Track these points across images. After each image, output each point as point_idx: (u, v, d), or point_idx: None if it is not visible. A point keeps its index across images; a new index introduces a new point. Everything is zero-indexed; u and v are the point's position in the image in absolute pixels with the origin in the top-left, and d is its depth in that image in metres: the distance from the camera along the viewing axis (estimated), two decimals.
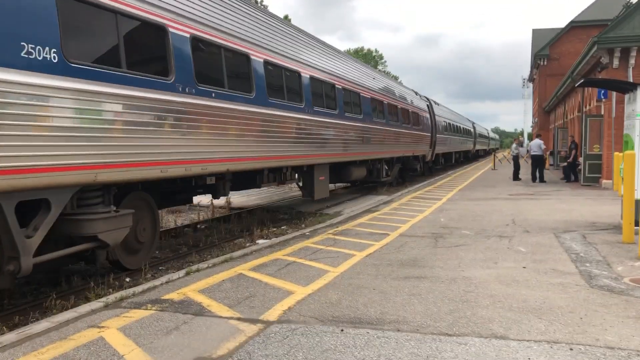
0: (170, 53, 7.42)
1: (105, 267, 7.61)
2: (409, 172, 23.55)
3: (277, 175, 11.47)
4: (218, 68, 8.76)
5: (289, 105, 10.99)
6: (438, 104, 31.70)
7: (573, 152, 20.58)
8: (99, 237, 6.44)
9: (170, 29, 7.44)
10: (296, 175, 12.56)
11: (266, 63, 10.15)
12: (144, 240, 7.86)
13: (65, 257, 6.60)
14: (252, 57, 9.63)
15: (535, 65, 48.95)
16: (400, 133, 20.38)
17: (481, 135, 58.57)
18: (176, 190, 9.19)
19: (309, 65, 12.34)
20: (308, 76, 12.18)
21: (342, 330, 4.39)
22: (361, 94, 16.10)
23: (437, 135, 27.59)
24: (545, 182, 20.45)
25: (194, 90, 7.79)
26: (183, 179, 8.39)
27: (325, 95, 13.30)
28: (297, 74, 11.70)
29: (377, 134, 17.28)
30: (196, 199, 11.11)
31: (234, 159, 8.94)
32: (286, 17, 51.62)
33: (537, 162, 20.96)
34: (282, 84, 10.99)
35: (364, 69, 17.92)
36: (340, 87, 14.24)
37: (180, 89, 7.50)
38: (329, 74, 13.68)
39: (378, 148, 17.55)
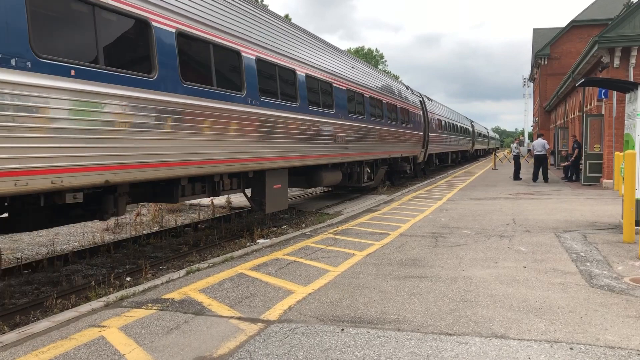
0: None
1: (106, 267, 6.65)
2: (398, 174, 21.54)
3: (207, 184, 8.96)
4: (85, 36, 6.17)
5: (218, 94, 8.38)
6: (432, 100, 29.69)
7: (576, 151, 20.58)
8: None
9: None
10: (239, 183, 9.97)
11: (180, 35, 7.56)
12: None
13: None
14: (154, 24, 7.04)
15: (536, 64, 48.94)
16: (386, 132, 17.94)
17: (480, 135, 57.36)
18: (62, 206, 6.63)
19: (254, 44, 9.63)
20: (253, 58, 9.51)
21: (342, 329, 4.40)
22: (334, 85, 13.43)
23: (430, 134, 25.62)
24: (548, 181, 20.49)
25: (29, 64, 5.26)
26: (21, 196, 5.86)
27: (281, 84, 10.69)
28: (236, 54, 9.05)
29: (355, 132, 14.72)
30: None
31: (121, 165, 6.45)
32: (287, 16, 51.34)
33: (541, 162, 20.95)
34: (208, 65, 8.38)
35: (339, 55, 15.02)
36: (302, 74, 11.61)
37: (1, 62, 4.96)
38: (287, 57, 11.01)
39: (356, 149, 14.94)
